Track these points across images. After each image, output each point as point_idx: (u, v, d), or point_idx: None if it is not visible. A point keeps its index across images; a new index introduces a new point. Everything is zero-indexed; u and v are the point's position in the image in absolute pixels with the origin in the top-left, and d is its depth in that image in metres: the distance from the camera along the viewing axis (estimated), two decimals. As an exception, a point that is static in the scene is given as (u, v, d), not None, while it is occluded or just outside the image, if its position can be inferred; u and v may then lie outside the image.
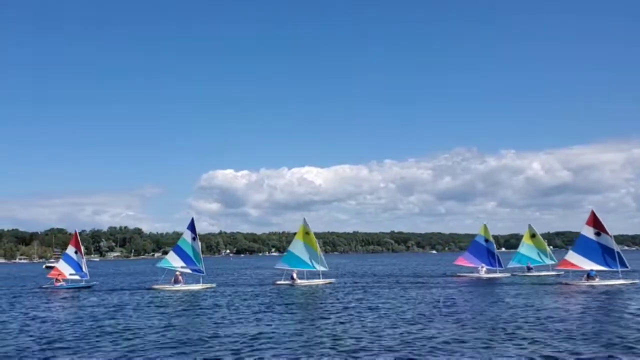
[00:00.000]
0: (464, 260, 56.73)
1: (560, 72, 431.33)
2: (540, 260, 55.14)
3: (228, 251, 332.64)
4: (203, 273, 49.05)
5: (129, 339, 21.33)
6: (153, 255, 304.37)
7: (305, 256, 52.30)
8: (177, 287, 47.40)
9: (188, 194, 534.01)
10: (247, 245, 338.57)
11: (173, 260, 49.55)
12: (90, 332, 23.44)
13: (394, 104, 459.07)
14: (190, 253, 49.22)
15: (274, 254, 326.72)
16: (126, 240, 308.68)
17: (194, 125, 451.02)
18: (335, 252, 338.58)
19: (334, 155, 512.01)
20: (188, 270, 49.19)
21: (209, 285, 49.76)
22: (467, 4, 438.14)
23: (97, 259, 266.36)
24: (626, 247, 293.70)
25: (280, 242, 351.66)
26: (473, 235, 59.13)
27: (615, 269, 43.36)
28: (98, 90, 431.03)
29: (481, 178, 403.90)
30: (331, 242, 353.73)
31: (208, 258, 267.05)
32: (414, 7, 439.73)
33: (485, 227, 55.89)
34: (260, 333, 22.10)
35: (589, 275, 42.86)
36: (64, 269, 52.65)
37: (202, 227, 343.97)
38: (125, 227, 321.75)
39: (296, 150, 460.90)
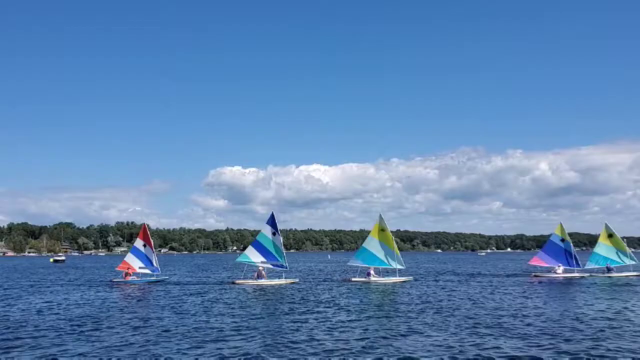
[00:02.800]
0: (539, 260, 55.66)
1: (569, 72, 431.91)
2: (620, 260, 54.15)
3: (235, 248, 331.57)
4: (286, 268, 48.34)
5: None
6: (160, 251, 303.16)
7: (380, 253, 51.47)
8: (261, 282, 46.71)
9: (195, 190, 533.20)
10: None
11: (252, 256, 48.79)
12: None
13: (401, 102, 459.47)
14: (271, 248, 48.47)
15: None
16: (133, 235, 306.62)
17: (203, 122, 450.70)
18: (342, 250, 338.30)
19: (342, 153, 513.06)
20: (269, 265, 48.44)
21: (292, 280, 49.07)
22: (472, 2, 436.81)
23: (103, 254, 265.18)
24: (632, 250, 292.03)
25: (287, 240, 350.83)
26: (479, 235, 58.26)
27: None
28: (108, 88, 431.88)
29: (487, 178, 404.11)
30: (338, 240, 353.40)
31: (215, 254, 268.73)
32: (421, 5, 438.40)
33: (561, 226, 54.86)
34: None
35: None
36: (133, 262, 51.78)
37: (209, 224, 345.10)
38: (132, 223, 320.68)
39: (304, 148, 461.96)
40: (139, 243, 52.62)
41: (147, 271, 51.55)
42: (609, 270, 54.66)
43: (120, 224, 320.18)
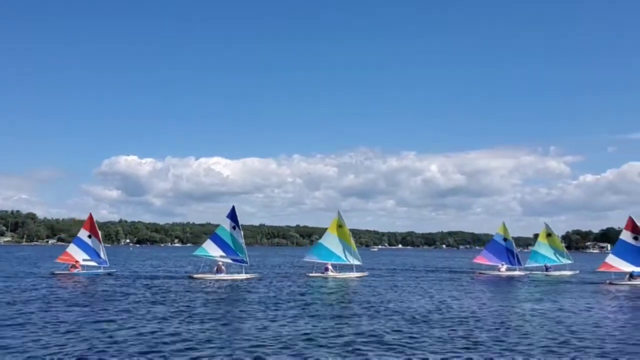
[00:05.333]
0: (483, 259, 58.15)
1: (459, 79, 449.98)
2: (556, 259, 57.67)
3: (128, 241, 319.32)
4: (246, 263, 47.26)
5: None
6: (47, 241, 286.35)
7: (337, 249, 51.94)
8: (220, 276, 45.58)
9: (87, 179, 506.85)
10: (148, 236, 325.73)
11: (210, 249, 47.45)
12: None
13: (305, 100, 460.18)
14: (230, 242, 47.30)
15: (177, 244, 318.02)
16: (18, 224, 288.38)
17: (98, 108, 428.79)
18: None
19: (244, 147, 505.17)
20: (228, 260, 47.29)
21: (252, 275, 48.28)
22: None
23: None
24: (520, 249, 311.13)
25: (184, 233, 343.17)
26: (374, 232, 60.78)
27: None
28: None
29: (383, 177, 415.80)
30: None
31: (107, 247, 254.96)
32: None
33: (504, 226, 57.74)
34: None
35: (632, 275, 46.19)
36: (76, 254, 49.02)
37: (101, 215, 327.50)
38: (18, 211, 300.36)
39: (205, 140, 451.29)
40: (83, 234, 49.74)
41: (93, 263, 48.92)
42: (547, 269, 58.22)
43: (3, 212, 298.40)
